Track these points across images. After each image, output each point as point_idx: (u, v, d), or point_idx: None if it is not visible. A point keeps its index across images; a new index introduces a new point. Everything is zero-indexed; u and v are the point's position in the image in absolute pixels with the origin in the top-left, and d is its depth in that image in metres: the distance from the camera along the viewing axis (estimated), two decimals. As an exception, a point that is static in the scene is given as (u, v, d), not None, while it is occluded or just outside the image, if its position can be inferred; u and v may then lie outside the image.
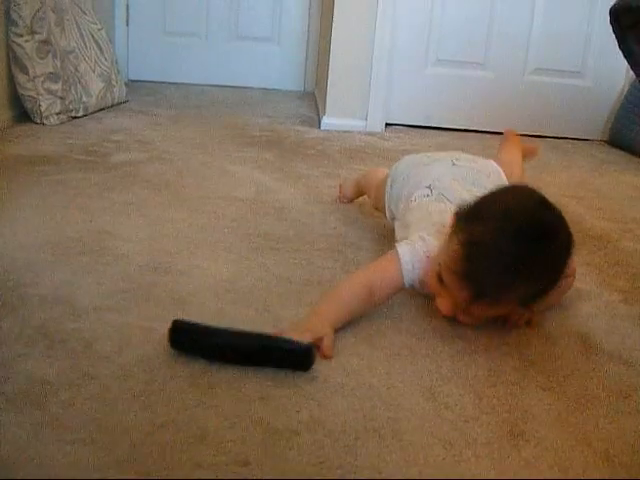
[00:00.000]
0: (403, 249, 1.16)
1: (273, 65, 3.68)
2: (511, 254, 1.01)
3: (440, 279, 1.07)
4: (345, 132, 2.75)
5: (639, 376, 1.04)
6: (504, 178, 1.40)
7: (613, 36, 1.19)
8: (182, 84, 3.56)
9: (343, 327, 1.08)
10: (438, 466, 0.80)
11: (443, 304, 1.09)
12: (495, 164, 1.44)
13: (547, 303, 1.18)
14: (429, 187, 1.29)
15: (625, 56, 1.16)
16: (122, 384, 0.91)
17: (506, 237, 1.01)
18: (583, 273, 1.42)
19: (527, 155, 1.77)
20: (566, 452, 0.84)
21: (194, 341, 0.99)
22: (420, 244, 1.15)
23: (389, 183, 1.47)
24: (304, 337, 0.99)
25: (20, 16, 2.25)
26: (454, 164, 1.37)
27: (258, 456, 0.79)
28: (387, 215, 1.48)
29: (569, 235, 1.06)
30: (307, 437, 0.83)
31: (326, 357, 1.00)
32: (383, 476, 0.78)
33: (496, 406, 0.93)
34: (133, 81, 3.49)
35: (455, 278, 1.04)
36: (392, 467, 0.79)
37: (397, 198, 1.40)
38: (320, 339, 1.01)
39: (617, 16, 1.10)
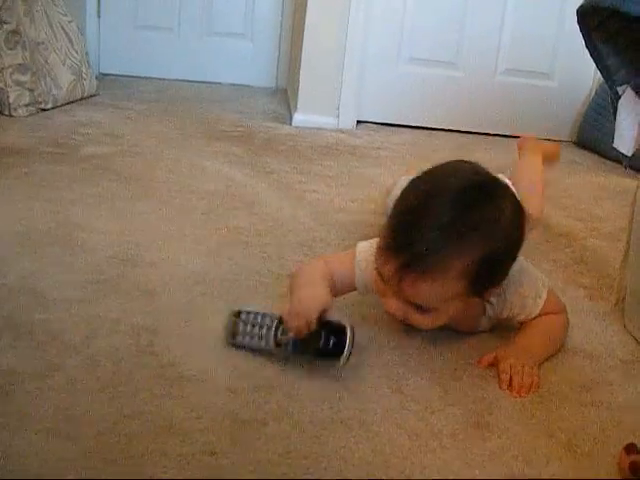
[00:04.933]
0: (361, 246, 1.12)
1: (245, 61, 3.67)
2: (434, 214, 0.94)
3: (381, 275, 0.99)
4: (316, 129, 2.75)
5: (602, 370, 1.06)
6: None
7: (581, 38, 1.20)
8: (154, 78, 3.53)
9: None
10: (404, 456, 0.81)
11: (388, 303, 1.00)
12: (503, 177, 1.30)
13: (548, 349, 1.10)
14: None
15: (592, 56, 1.18)
16: (89, 375, 0.90)
17: (429, 199, 0.96)
18: (549, 270, 1.44)
19: (548, 159, 1.66)
20: (530, 443, 0.86)
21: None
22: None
23: (395, 185, 1.42)
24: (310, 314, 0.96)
25: (-11, 6, 2.22)
26: None
27: (225, 446, 0.79)
28: None
29: (513, 206, 1.00)
30: (274, 427, 0.84)
31: None
32: (349, 466, 0.78)
33: (462, 398, 0.94)
34: (104, 74, 3.46)
35: (383, 255, 0.97)
36: (358, 457, 0.80)
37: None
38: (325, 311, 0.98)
39: (583, 16, 1.12)
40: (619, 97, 1.20)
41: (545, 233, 1.67)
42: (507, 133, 2.99)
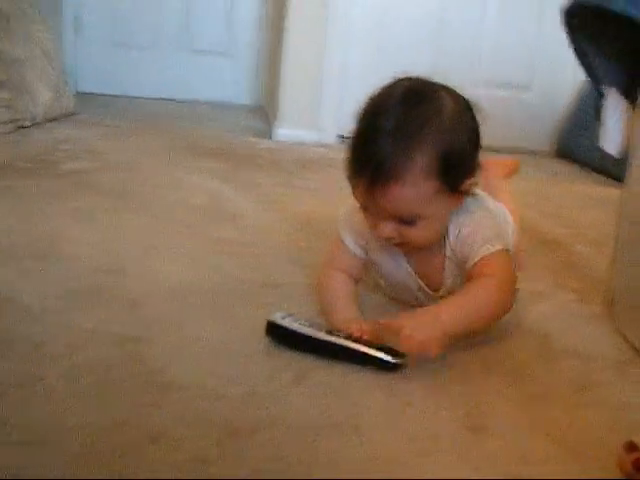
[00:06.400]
0: (340, 214, 1.18)
1: (225, 78, 3.67)
2: (379, 128, 0.98)
3: (360, 203, 1.05)
4: (297, 143, 2.74)
5: (595, 371, 1.05)
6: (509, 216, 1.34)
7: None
8: (133, 97, 3.52)
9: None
10: (401, 460, 0.79)
11: (380, 230, 1.04)
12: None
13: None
14: None
15: (576, 56, 1.18)
16: (73, 385, 0.87)
17: (372, 119, 1.00)
18: (538, 275, 1.44)
19: (510, 174, 1.69)
20: (527, 444, 0.84)
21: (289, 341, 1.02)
22: None
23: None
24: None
25: (-35, 22, 2.20)
26: None
27: (216, 454, 0.77)
28: None
29: (454, 98, 1.02)
30: (266, 434, 0.81)
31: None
32: (343, 473, 0.76)
33: (457, 402, 0.92)
34: (82, 93, 3.43)
35: (351, 183, 1.03)
36: (353, 462, 0.77)
37: None
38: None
39: (569, 16, 1.12)
40: (603, 96, 1.20)
41: (532, 239, 1.66)
42: (487, 146, 2.99)
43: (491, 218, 1.11)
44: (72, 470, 0.72)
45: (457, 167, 1.02)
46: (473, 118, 1.05)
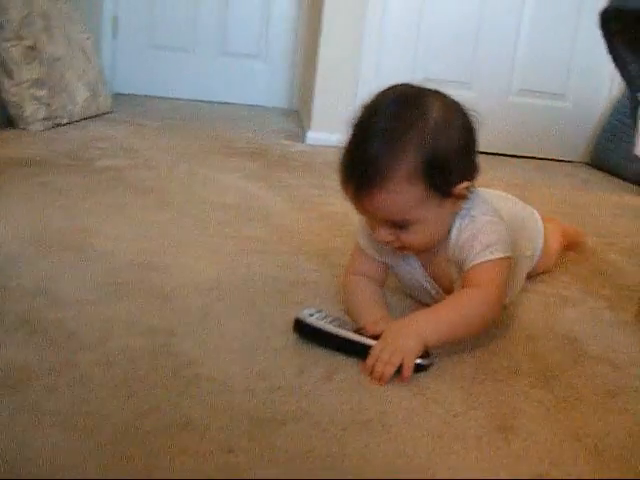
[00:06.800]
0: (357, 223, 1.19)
1: (259, 82, 3.69)
2: (365, 136, 0.99)
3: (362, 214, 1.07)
4: (330, 147, 2.75)
5: (625, 377, 1.04)
6: (539, 220, 1.36)
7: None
8: (168, 98, 3.56)
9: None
10: (427, 457, 0.79)
11: (377, 234, 1.05)
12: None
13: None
14: None
15: (614, 62, 1.17)
16: (104, 372, 0.89)
17: (360, 130, 1.01)
18: (568, 282, 1.43)
19: (571, 246, 1.61)
20: (556, 446, 0.83)
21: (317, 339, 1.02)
22: None
23: None
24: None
25: (7, 20, 2.24)
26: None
27: (244, 444, 0.77)
28: None
29: (443, 103, 1.01)
30: (294, 427, 0.81)
31: None
32: (371, 466, 0.76)
33: (484, 402, 0.92)
34: (119, 94, 3.48)
35: (342, 189, 1.03)
36: (381, 457, 0.78)
37: None
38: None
39: (606, 20, 1.11)
40: (639, 104, 1.18)
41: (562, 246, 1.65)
42: (520, 154, 2.99)
43: (495, 223, 1.08)
44: (103, 453, 0.73)
45: (444, 171, 1.00)
46: (466, 122, 1.03)
